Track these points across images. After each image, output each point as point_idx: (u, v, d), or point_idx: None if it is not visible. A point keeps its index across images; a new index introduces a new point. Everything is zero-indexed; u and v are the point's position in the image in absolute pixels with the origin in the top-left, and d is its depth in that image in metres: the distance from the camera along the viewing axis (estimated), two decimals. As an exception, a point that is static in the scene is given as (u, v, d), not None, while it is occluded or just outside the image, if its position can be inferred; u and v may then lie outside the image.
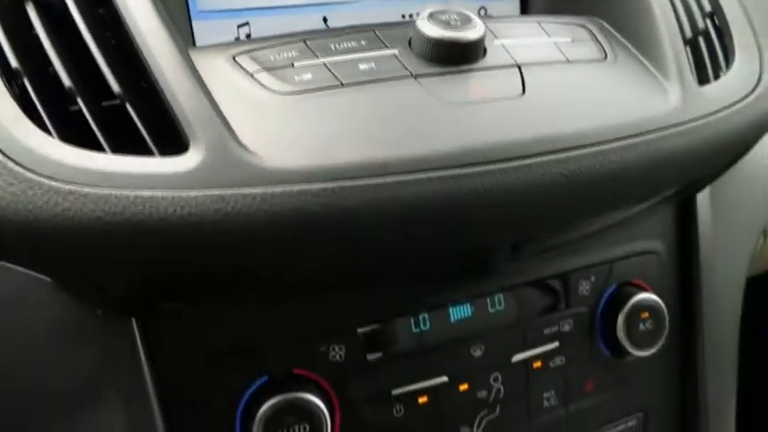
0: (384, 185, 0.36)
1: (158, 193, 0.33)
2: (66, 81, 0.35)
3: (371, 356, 0.48)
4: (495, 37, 0.44)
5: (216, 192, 0.33)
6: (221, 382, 0.46)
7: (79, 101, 0.35)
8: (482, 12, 0.56)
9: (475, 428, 0.52)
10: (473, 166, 0.37)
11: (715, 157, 0.49)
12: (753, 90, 0.49)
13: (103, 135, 0.34)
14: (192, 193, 0.33)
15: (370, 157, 0.36)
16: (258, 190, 0.34)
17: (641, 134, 0.42)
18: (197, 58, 0.37)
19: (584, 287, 0.55)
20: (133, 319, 0.44)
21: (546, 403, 0.54)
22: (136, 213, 0.32)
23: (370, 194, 0.36)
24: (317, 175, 0.35)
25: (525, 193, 0.39)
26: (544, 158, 0.39)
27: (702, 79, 0.48)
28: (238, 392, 0.46)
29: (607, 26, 0.49)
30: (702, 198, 0.60)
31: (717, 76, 0.49)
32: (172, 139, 0.35)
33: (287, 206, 0.34)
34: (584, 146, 0.40)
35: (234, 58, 0.39)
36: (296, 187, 0.34)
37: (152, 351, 0.45)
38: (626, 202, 0.47)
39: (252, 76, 0.38)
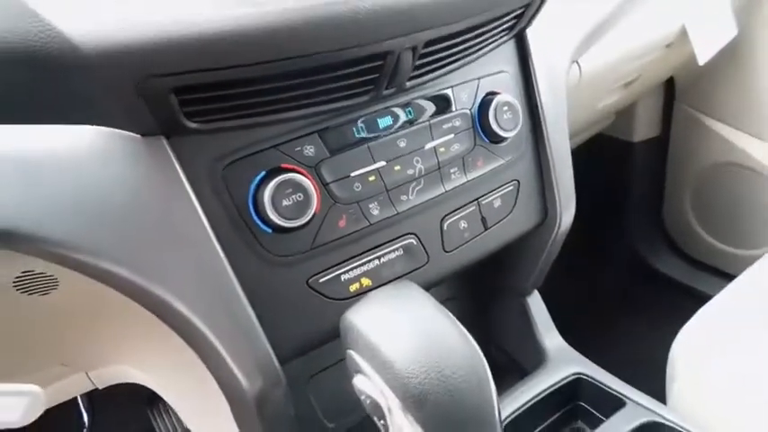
0: None
1: None
2: None
3: (332, 151, 0.70)
4: None
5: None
6: (234, 177, 0.64)
7: None
8: None
9: (409, 195, 0.75)
10: None
11: None
12: None
13: None
14: None
15: None
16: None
17: None
18: None
19: (464, 96, 0.80)
20: (164, 139, 0.62)
21: (453, 176, 0.79)
22: None
23: None
24: None
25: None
26: None
27: None
28: (247, 183, 0.65)
29: None
30: (531, 35, 0.87)
31: None
32: None
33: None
34: None
35: None
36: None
37: (182, 161, 0.63)
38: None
39: None
